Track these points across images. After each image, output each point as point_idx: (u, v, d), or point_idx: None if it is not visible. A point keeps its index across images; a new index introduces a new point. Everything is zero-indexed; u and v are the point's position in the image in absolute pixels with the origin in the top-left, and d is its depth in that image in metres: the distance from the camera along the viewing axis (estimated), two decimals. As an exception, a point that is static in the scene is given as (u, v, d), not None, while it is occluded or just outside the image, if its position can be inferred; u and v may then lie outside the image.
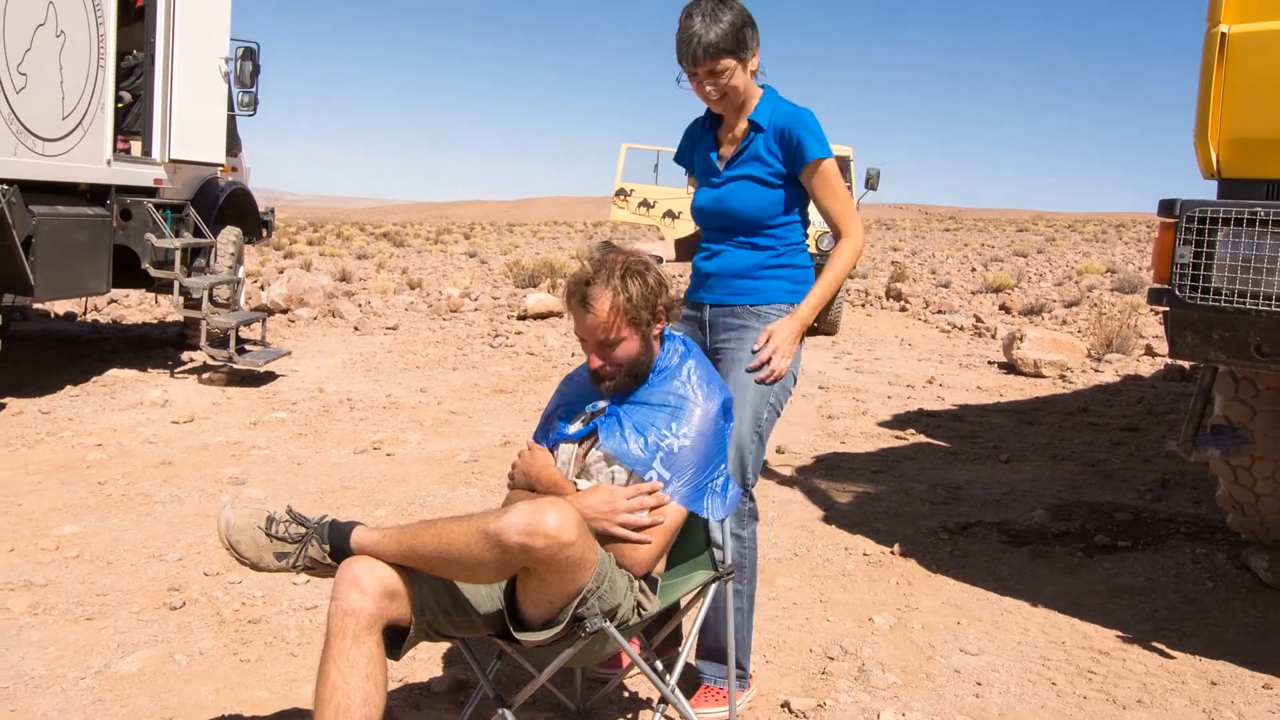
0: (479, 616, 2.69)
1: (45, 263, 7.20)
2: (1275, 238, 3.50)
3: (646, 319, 2.86)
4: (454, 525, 2.49)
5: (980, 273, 25.69)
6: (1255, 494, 4.54)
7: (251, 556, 2.59)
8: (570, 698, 3.32)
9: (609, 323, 2.80)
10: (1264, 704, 3.55)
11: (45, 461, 5.94)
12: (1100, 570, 4.80)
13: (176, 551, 4.57)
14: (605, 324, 2.80)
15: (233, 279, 9.45)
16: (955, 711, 3.43)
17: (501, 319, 13.27)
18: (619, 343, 2.83)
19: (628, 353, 2.84)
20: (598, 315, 2.80)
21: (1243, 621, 4.23)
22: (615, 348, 2.83)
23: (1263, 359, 3.62)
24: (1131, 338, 11.96)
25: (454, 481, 5.92)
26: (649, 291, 2.86)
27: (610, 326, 2.80)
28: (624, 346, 2.84)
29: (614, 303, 2.80)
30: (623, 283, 2.81)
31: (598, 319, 2.80)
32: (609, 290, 2.81)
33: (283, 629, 3.85)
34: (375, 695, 2.44)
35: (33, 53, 6.88)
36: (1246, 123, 3.71)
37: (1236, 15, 3.70)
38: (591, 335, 2.83)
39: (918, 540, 5.16)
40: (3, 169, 6.68)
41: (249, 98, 10.38)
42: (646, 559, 2.73)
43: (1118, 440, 7.45)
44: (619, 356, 2.84)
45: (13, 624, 3.79)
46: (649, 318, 2.87)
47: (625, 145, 15.78)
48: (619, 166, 15.66)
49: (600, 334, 2.81)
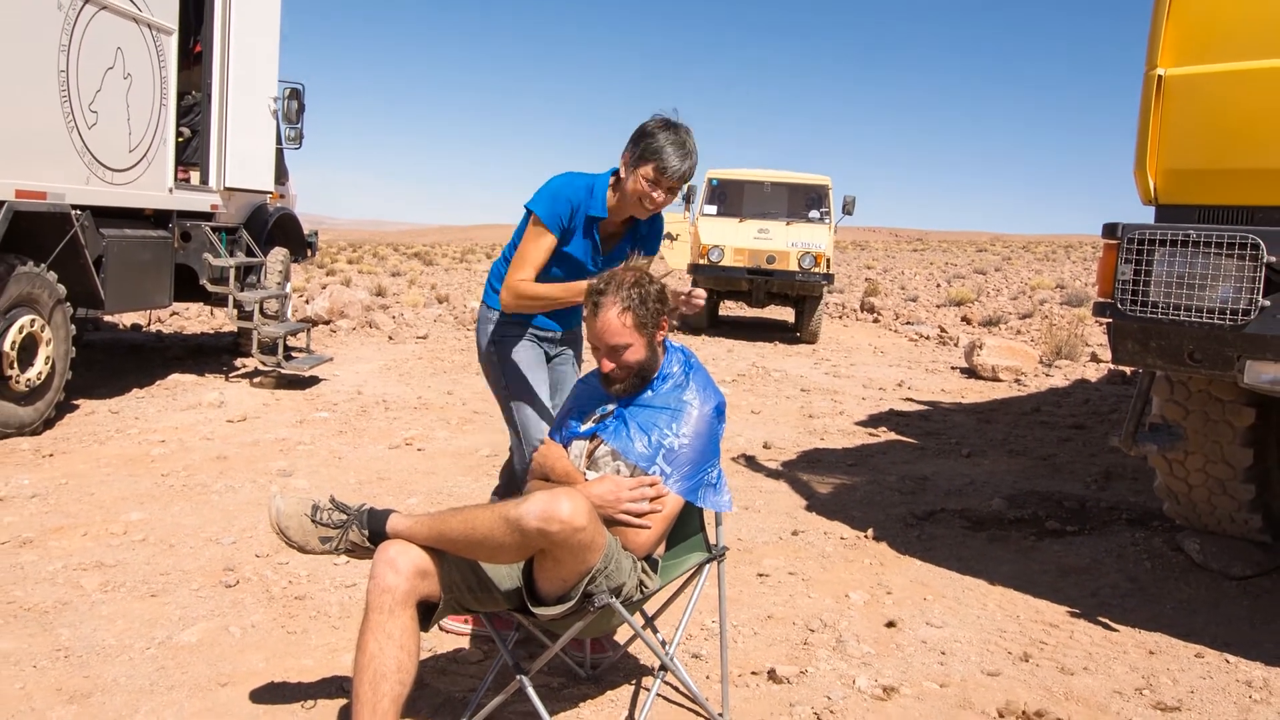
0: (500, 594, 2.71)
1: (114, 279, 7.22)
2: (1205, 257, 3.51)
3: (652, 327, 2.88)
4: (479, 512, 2.51)
5: (944, 288, 25.68)
6: (1188, 484, 4.54)
7: (299, 540, 2.61)
8: (580, 665, 3.33)
9: (618, 329, 2.82)
10: (1196, 670, 3.56)
11: (114, 456, 5.95)
12: (1050, 552, 4.80)
13: (231, 536, 4.57)
14: (615, 330, 2.82)
15: (281, 294, 9.47)
16: (922, 678, 3.43)
17: (519, 329, 13.27)
18: (627, 348, 2.84)
19: (635, 356, 2.86)
20: (608, 322, 2.82)
21: (1177, 598, 4.23)
22: (624, 352, 2.84)
23: (1194, 364, 3.63)
24: (1078, 346, 11.96)
25: (477, 473, 5.93)
26: (654, 302, 2.88)
27: (619, 332, 2.82)
28: (632, 351, 2.85)
29: (623, 311, 2.82)
30: (631, 294, 2.84)
31: (608, 325, 2.82)
32: (619, 300, 2.83)
33: (325, 604, 3.85)
34: (408, 663, 2.46)
35: (103, 93, 6.90)
36: (1180, 156, 3.72)
37: (1172, 60, 3.71)
38: (602, 340, 2.85)
39: (888, 526, 5.16)
40: (76, 196, 6.69)
41: (295, 133, 10.39)
42: (648, 543, 2.75)
43: (1066, 437, 7.46)
44: (628, 360, 2.85)
45: (85, 600, 3.80)
46: (654, 326, 2.89)
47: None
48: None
49: (610, 339, 2.83)
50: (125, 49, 7.13)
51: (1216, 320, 3.48)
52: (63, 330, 6.67)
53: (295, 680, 3.23)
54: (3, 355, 6.04)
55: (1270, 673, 3.54)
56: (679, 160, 3.22)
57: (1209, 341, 3.55)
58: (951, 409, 8.78)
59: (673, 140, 3.23)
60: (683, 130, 3.28)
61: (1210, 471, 4.43)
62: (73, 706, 3.00)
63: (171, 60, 7.77)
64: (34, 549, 4.31)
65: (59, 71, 6.41)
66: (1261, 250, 3.39)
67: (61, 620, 3.60)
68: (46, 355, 6.44)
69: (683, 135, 3.27)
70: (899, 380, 10.46)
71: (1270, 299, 3.40)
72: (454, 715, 2.98)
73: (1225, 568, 4.46)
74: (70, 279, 6.78)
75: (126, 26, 7.13)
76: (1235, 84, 3.56)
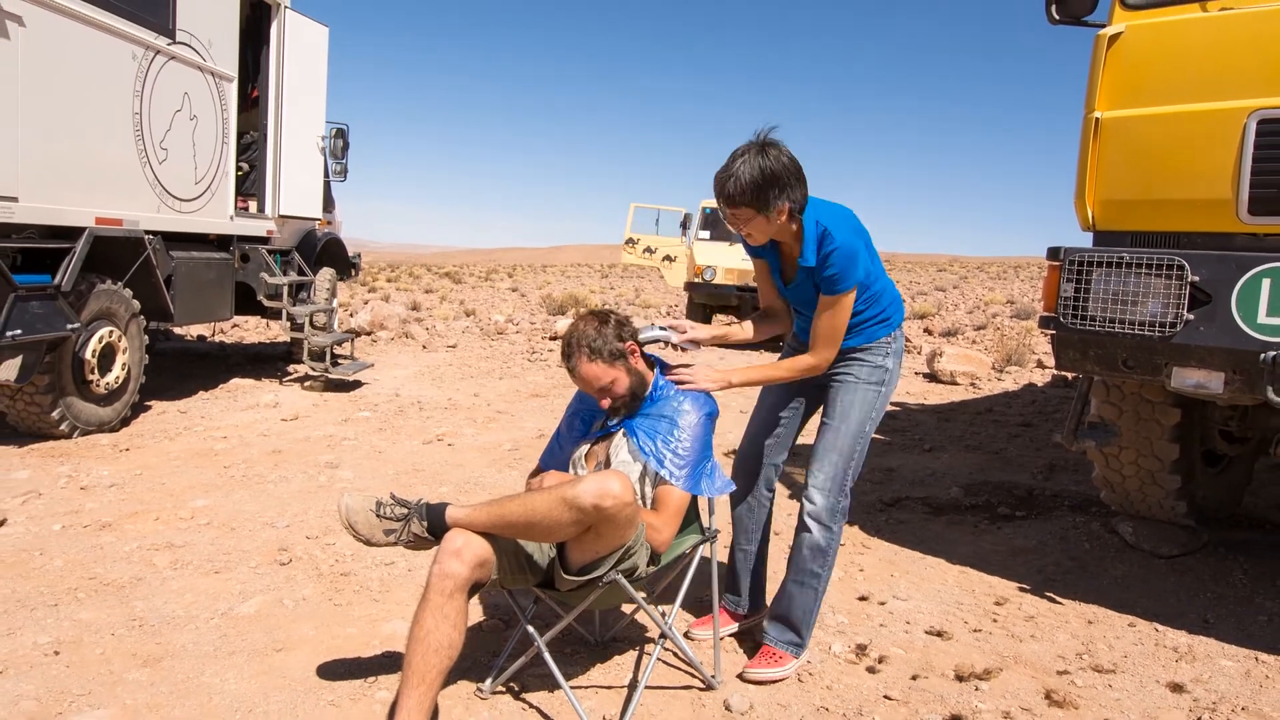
0: (533, 572, 2.75)
1: (182, 295, 7.24)
2: (1137, 277, 3.52)
3: (622, 356, 2.88)
4: (536, 496, 2.55)
5: (909, 303, 25.66)
6: (1122, 475, 4.55)
7: (365, 534, 2.61)
8: (591, 634, 3.34)
9: (596, 374, 2.85)
10: (1129, 637, 3.56)
11: (182, 450, 5.97)
12: (1002, 535, 4.80)
13: (285, 520, 4.58)
14: (594, 376, 2.85)
15: (328, 308, 9.49)
16: (889, 644, 3.44)
17: (537, 339, 13.28)
18: (612, 382, 2.86)
19: (622, 387, 2.89)
20: (584, 376, 2.86)
21: (1113, 574, 4.24)
22: (611, 386, 2.87)
23: (1128, 370, 3.64)
24: (1026, 354, 11.95)
25: (500, 466, 5.93)
26: (614, 338, 2.87)
27: (598, 375, 2.85)
28: (617, 383, 2.88)
29: (590, 359, 2.84)
30: (586, 343, 2.84)
31: (586, 378, 2.86)
32: (581, 355, 2.85)
33: (367, 580, 3.86)
34: (457, 640, 2.51)
35: (172, 132, 6.92)
36: (1114, 188, 3.73)
37: (1107, 104, 3.72)
38: (590, 389, 2.89)
39: (861, 511, 5.16)
40: (149, 223, 6.71)
41: (340, 167, 10.41)
42: (667, 540, 2.81)
43: (1015, 433, 7.45)
44: (618, 391, 2.88)
45: (157, 576, 3.81)
46: (624, 354, 2.89)
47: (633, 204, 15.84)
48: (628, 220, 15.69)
49: (594, 384, 2.86)
50: (192, 94, 7.16)
51: (1147, 332, 3.50)
52: (137, 340, 6.68)
53: (341, 646, 3.24)
54: (85, 362, 6.07)
55: (1194, 639, 3.54)
56: (727, 175, 2.82)
57: (1140, 350, 3.56)
58: (915, 409, 8.77)
59: (733, 156, 2.84)
60: (752, 147, 2.82)
61: (1141, 464, 4.44)
62: (146, 669, 3.01)
63: (232, 104, 7.80)
64: (112, 531, 4.32)
65: (134, 114, 6.44)
66: (1186, 270, 3.40)
67: (136, 594, 3.61)
68: (123, 362, 6.46)
69: (747, 151, 2.82)
70: (869, 384, 10.44)
71: (1194, 313, 3.41)
72: (480, 676, 2.99)
73: (1155, 548, 4.46)
74: (144, 295, 6.81)
75: (193, 74, 7.16)
76: (1161, 125, 3.58)
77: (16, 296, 5.40)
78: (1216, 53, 3.46)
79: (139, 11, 6.39)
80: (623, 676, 3.10)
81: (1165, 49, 3.60)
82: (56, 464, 5.46)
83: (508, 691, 2.94)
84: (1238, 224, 3.42)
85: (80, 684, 2.89)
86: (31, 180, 5.52)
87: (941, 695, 3.04)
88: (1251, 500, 5.36)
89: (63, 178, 5.81)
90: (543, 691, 2.94)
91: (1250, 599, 3.94)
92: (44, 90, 5.57)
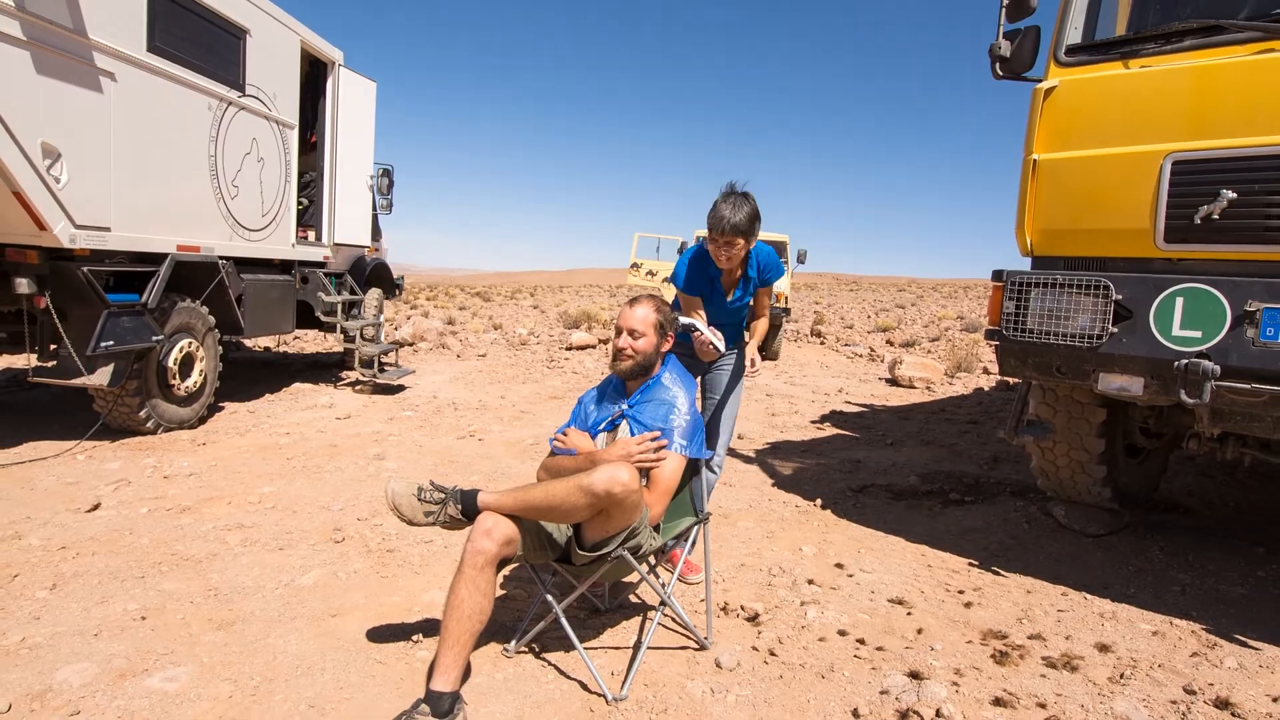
0: (553, 548, 2.75)
1: (251, 312, 7.26)
2: (1068, 296, 3.52)
3: (662, 333, 2.98)
4: (557, 484, 2.55)
5: (874, 318, 25.66)
6: (1056, 465, 4.54)
7: (408, 515, 2.62)
8: (601, 601, 3.34)
9: (642, 320, 2.94)
10: (1062, 605, 3.55)
11: (251, 445, 5.98)
12: (953, 517, 4.80)
13: (339, 504, 4.59)
14: (640, 319, 2.94)
15: (376, 323, 9.50)
16: (857, 610, 3.43)
17: (555, 350, 13.28)
18: (642, 336, 2.93)
19: (644, 346, 2.94)
20: (635, 313, 2.96)
21: (1048, 551, 4.23)
22: (638, 338, 2.93)
23: (1061, 376, 3.64)
24: (974, 362, 11.95)
25: (524, 458, 5.93)
26: (669, 318, 3.03)
27: (642, 321, 2.94)
28: (645, 341, 2.94)
29: (649, 309, 2.97)
30: (660, 305, 3.01)
31: (634, 315, 2.95)
32: (651, 303, 2.98)
33: (410, 556, 3.87)
34: (487, 607, 2.52)
35: (242, 172, 6.95)
36: (1049, 219, 3.73)
37: (1044, 147, 3.73)
38: (628, 324, 2.95)
39: (832, 496, 5.16)
40: (222, 250, 6.74)
41: (386, 202, 10.45)
42: (659, 514, 2.81)
43: (965, 430, 7.45)
44: (639, 346, 2.94)
45: (229, 552, 3.82)
46: (663, 334, 2.99)
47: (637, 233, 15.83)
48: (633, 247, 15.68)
49: (634, 324, 2.94)
50: (259, 139, 7.19)
51: (1077, 343, 3.50)
52: (212, 350, 6.70)
53: (387, 612, 3.24)
54: (168, 369, 6.08)
55: (1118, 606, 3.53)
56: (729, 212, 3.23)
57: (1071, 359, 3.56)
58: (879, 410, 8.77)
59: (723, 200, 3.25)
60: (736, 194, 3.27)
61: (1072, 456, 4.43)
62: (220, 632, 3.01)
63: (293, 148, 7.83)
64: (191, 514, 4.33)
65: (209, 156, 6.47)
66: (1110, 290, 3.40)
67: (211, 568, 3.62)
68: (200, 369, 6.47)
69: (734, 196, 3.26)
70: (839, 388, 10.45)
71: (1117, 327, 3.41)
72: (506, 638, 2.99)
73: (1084, 528, 4.45)
74: (218, 311, 6.83)
75: (260, 123, 7.19)
76: (1090, 166, 3.58)
77: (109, 313, 5.42)
78: (1137, 103, 3.47)
79: (214, 68, 6.43)
80: (628, 638, 3.10)
81: (1093, 100, 3.60)
82: (143, 456, 5.47)
83: (529, 651, 2.94)
84: (1155, 250, 3.43)
85: (163, 644, 2.90)
86: (121, 213, 5.55)
87: (901, 654, 3.03)
88: (1166, 487, 5.35)
89: (148, 211, 5.84)
90: (559, 651, 2.94)
91: (1166, 572, 3.94)
92: (133, 135, 5.60)
